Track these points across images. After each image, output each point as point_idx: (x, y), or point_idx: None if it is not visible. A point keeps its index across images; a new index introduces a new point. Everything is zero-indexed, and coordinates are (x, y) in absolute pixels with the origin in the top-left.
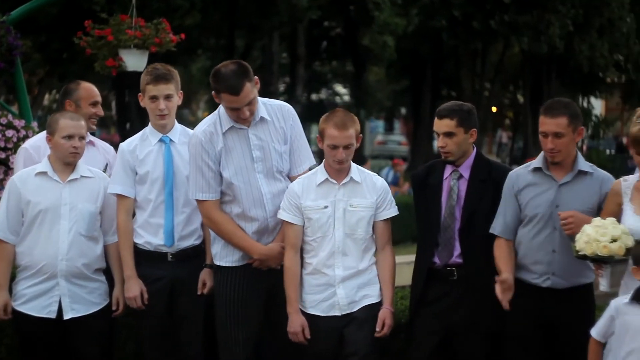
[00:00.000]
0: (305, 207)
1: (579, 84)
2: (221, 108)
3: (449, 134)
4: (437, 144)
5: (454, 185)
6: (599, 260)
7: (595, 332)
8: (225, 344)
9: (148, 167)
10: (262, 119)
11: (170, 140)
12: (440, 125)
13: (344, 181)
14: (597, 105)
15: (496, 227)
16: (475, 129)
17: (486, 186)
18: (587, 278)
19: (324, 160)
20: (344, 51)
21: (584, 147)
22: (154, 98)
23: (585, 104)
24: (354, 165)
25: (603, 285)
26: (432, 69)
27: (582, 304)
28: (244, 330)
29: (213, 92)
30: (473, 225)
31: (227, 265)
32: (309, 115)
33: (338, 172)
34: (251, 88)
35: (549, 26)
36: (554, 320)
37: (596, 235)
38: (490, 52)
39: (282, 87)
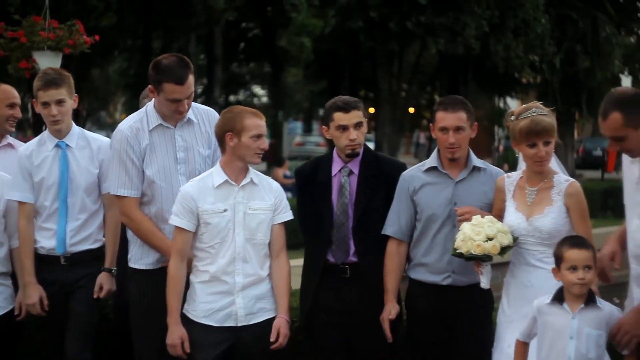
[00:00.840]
0: (204, 211)
1: (495, 85)
2: (149, 105)
3: (359, 124)
4: (350, 136)
5: (345, 182)
6: (475, 259)
7: (520, 333)
8: (141, 355)
9: (43, 173)
10: (189, 120)
11: (67, 145)
12: (351, 117)
13: (243, 182)
14: (513, 106)
15: (388, 229)
16: (366, 119)
17: (378, 181)
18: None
19: (220, 160)
20: (261, 52)
21: (500, 147)
22: (45, 104)
23: (501, 104)
24: (251, 167)
25: (484, 282)
26: (349, 70)
27: (481, 302)
28: (159, 339)
29: (151, 85)
30: (367, 222)
31: (142, 267)
32: None
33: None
34: (192, 81)
35: (465, 27)
36: (454, 319)
37: (471, 234)
38: (407, 53)
39: (199, 89)
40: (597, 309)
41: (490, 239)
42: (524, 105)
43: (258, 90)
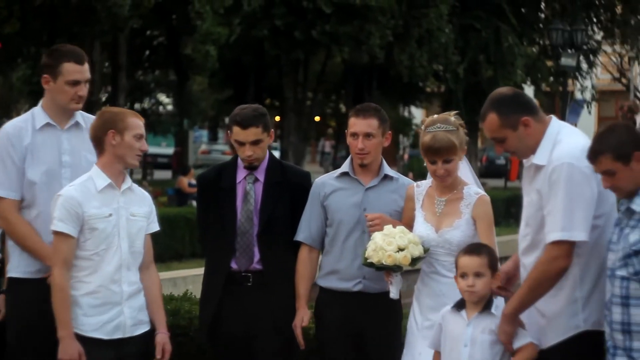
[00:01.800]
0: (90, 216)
1: (399, 93)
2: (37, 107)
3: (256, 142)
4: (246, 152)
5: (250, 189)
6: (386, 269)
7: (429, 342)
8: None
9: None
10: (77, 124)
11: None
12: (248, 134)
13: (124, 187)
14: (418, 114)
15: (300, 235)
16: (272, 130)
17: (283, 189)
18: None
19: (97, 163)
20: (166, 60)
21: (406, 156)
22: None
23: (406, 113)
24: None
25: (393, 293)
26: (255, 78)
27: (390, 311)
28: (40, 357)
29: (46, 73)
30: (272, 230)
31: (23, 276)
32: None
33: None
34: (88, 69)
35: (370, 36)
36: (363, 327)
37: (383, 244)
38: (313, 61)
39: (104, 97)
40: (491, 315)
41: (402, 250)
42: (434, 117)
43: (163, 98)
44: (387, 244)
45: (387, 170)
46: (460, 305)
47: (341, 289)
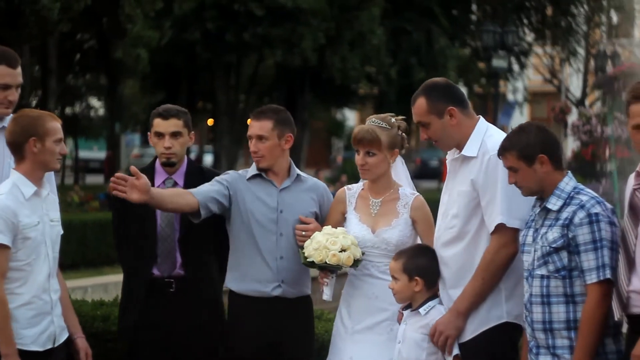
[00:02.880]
0: (24, 225)
1: (332, 96)
2: None
3: (176, 134)
4: (165, 144)
5: None
6: (326, 269)
7: None
8: None
9: None
10: (3, 129)
11: None
12: (168, 125)
13: (44, 193)
14: (351, 117)
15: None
16: (193, 133)
17: None
18: (309, 288)
19: (17, 169)
20: (97, 64)
21: (339, 158)
22: None
23: (339, 116)
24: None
25: (327, 294)
26: (187, 81)
27: (306, 316)
28: None
29: None
30: (194, 234)
31: None
32: (64, 129)
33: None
34: (20, 72)
35: (302, 39)
36: (281, 336)
37: (326, 243)
38: (245, 64)
39: (34, 101)
40: (418, 316)
41: (345, 250)
42: (379, 115)
43: (95, 102)
44: (331, 243)
45: (298, 171)
46: (409, 304)
47: (258, 293)
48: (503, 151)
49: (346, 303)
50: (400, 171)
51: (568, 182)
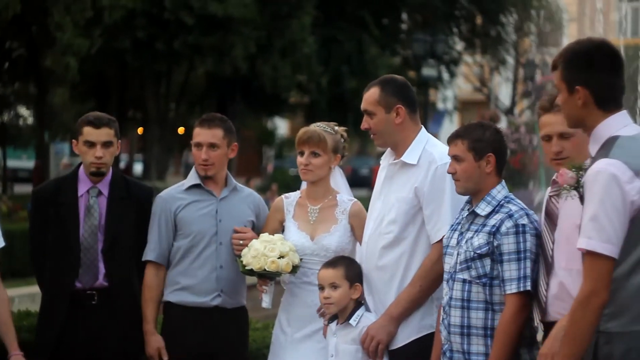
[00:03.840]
0: None
1: (263, 105)
2: None
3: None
4: (97, 154)
5: (94, 203)
6: (265, 276)
7: None
8: None
9: None
10: None
11: None
12: (100, 133)
13: None
14: (282, 126)
15: (150, 254)
16: (119, 142)
17: (127, 204)
18: (245, 299)
19: None
20: (26, 72)
21: (270, 167)
22: None
23: (270, 124)
24: None
25: (266, 302)
26: (117, 90)
27: (243, 327)
28: None
29: None
30: (118, 245)
31: None
32: None
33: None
34: None
35: (232, 48)
36: (219, 346)
37: (264, 251)
38: (175, 73)
39: None
40: (349, 327)
41: (283, 257)
42: (320, 122)
43: (23, 111)
44: (269, 250)
45: (234, 180)
46: (332, 317)
47: (197, 304)
48: (456, 137)
49: (285, 311)
50: (339, 182)
51: (500, 190)
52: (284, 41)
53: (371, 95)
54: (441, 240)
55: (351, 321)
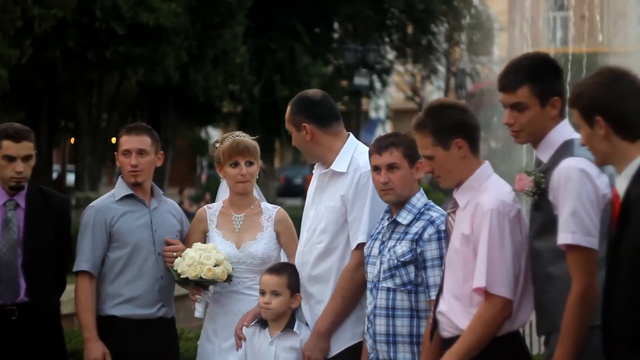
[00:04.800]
0: None
1: (196, 114)
2: None
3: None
4: (17, 168)
5: (12, 216)
6: (201, 284)
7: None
8: None
9: None
10: None
11: None
12: (21, 147)
13: None
14: (215, 135)
15: (83, 264)
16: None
17: (45, 216)
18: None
19: None
20: None
21: (203, 176)
22: None
23: (203, 134)
24: None
25: (199, 311)
26: (48, 100)
27: (176, 336)
28: None
29: None
30: (38, 258)
31: None
32: None
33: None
34: None
35: (164, 57)
36: (164, 356)
37: (200, 259)
38: (107, 83)
39: None
40: (293, 334)
41: (219, 265)
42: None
43: None
44: (205, 258)
45: (159, 190)
46: (264, 323)
47: (144, 316)
48: (391, 146)
49: (212, 321)
50: (255, 189)
51: (420, 198)
52: (216, 50)
53: (287, 114)
54: (359, 247)
55: (295, 329)
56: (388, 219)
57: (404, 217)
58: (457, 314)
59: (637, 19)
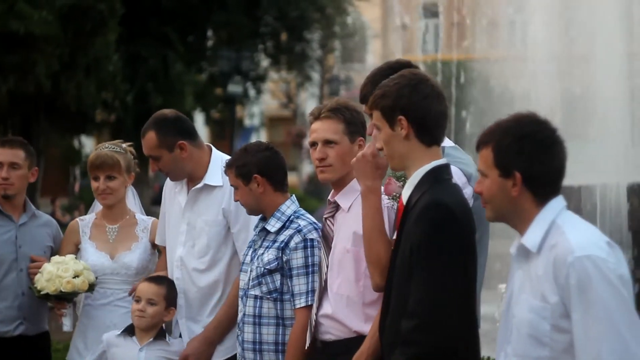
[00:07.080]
0: None
1: (68, 123)
2: None
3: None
4: None
5: None
6: (62, 298)
7: None
8: None
9: None
10: None
11: None
12: None
13: None
14: (89, 144)
15: None
16: None
17: None
18: (47, 324)
19: None
20: None
21: (77, 186)
22: None
23: (76, 143)
24: None
25: (67, 325)
26: None
27: (46, 353)
28: None
29: None
30: None
31: None
32: None
33: None
34: None
35: (35, 65)
36: None
37: (58, 272)
38: None
39: None
40: (165, 343)
41: (78, 276)
42: (105, 143)
43: None
44: (63, 270)
45: (33, 206)
46: (130, 331)
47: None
48: (228, 168)
49: (82, 335)
50: (131, 201)
51: (289, 206)
52: (88, 58)
53: (149, 140)
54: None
55: (168, 340)
56: (260, 226)
57: (272, 225)
58: (347, 315)
59: (507, 26)
